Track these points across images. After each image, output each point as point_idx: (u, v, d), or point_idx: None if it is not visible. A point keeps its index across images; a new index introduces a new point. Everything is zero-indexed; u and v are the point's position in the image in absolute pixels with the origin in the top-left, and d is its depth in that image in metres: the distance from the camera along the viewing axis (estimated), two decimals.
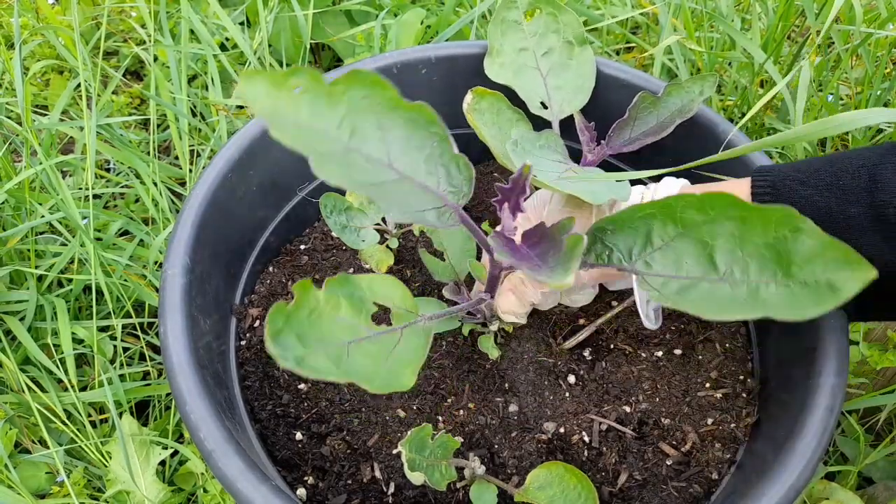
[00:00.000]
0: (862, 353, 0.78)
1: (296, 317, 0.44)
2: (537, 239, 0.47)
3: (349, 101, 0.45)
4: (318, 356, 0.43)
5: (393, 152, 0.46)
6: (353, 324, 0.47)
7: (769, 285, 0.41)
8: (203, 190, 0.62)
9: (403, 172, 0.47)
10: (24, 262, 0.85)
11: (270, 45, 1.06)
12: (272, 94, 0.43)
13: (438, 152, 0.47)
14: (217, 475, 0.48)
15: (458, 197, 0.47)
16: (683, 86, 0.69)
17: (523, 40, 0.73)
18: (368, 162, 0.46)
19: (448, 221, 0.48)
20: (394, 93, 0.45)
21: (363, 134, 0.46)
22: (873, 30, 0.89)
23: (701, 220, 0.43)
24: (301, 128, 0.44)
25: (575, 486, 0.53)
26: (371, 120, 0.46)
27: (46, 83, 1.17)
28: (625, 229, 0.47)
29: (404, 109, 0.46)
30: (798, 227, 0.40)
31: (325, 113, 0.44)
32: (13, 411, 0.78)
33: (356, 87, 0.45)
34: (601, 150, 0.69)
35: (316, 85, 0.44)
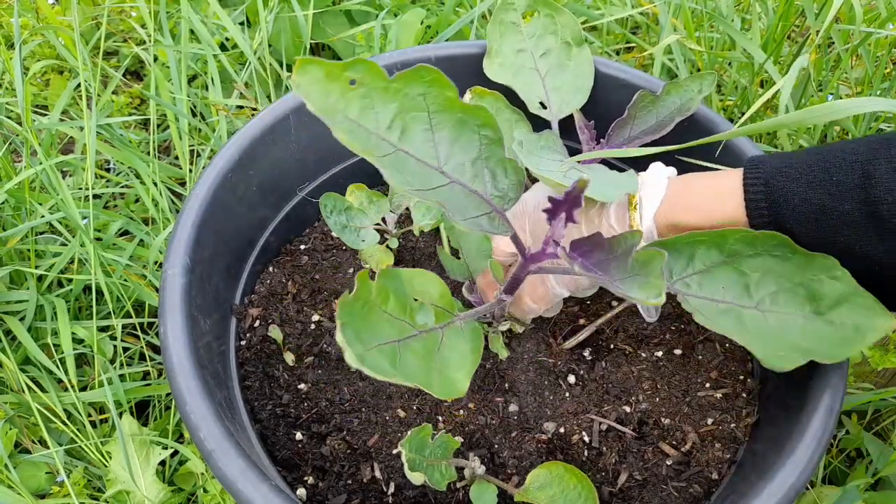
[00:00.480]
0: (863, 353, 0.78)
1: (353, 309, 0.43)
2: (589, 248, 0.46)
3: (403, 98, 0.44)
4: (374, 355, 0.43)
5: (441, 154, 0.46)
6: (399, 321, 0.46)
7: (796, 318, 0.44)
8: (203, 190, 0.62)
9: (452, 176, 0.46)
10: (24, 262, 0.85)
11: (270, 45, 1.06)
12: (326, 87, 0.42)
13: (486, 154, 0.46)
14: (217, 475, 0.48)
15: (504, 202, 0.46)
16: (682, 84, 0.69)
17: (521, 42, 0.73)
18: (418, 164, 0.45)
19: (498, 227, 0.47)
20: (453, 93, 0.44)
21: (412, 134, 0.45)
22: (873, 29, 0.89)
23: (747, 252, 0.46)
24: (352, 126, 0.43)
25: (575, 486, 0.53)
26: (422, 119, 0.45)
27: (46, 83, 1.17)
28: (669, 249, 0.48)
29: (457, 110, 0.45)
30: (835, 275, 0.44)
31: (377, 109, 0.43)
32: (13, 411, 0.78)
33: (415, 83, 0.44)
34: (600, 150, 0.69)
35: (372, 79, 0.43)
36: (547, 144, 0.61)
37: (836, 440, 0.81)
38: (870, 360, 0.76)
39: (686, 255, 0.48)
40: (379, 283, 0.46)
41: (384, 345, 0.43)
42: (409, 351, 0.45)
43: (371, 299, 0.45)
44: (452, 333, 0.48)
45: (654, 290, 0.40)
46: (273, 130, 0.69)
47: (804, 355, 0.43)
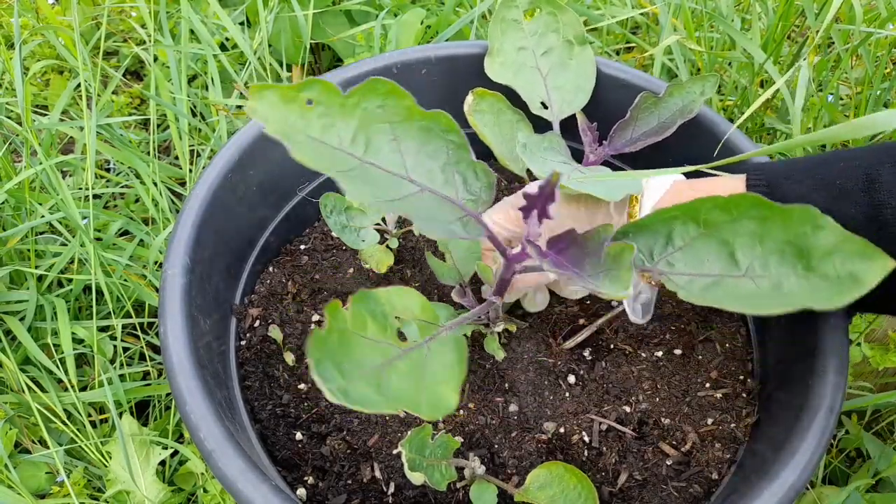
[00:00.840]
0: (863, 353, 0.78)
1: (328, 342, 0.42)
2: (565, 245, 0.46)
3: (362, 113, 0.44)
4: (358, 384, 0.41)
5: (409, 162, 0.45)
6: (381, 343, 0.45)
7: (790, 278, 0.42)
8: (203, 190, 0.62)
9: (422, 184, 0.46)
10: (24, 262, 0.85)
11: (270, 45, 1.06)
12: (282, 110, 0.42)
13: (455, 159, 0.46)
14: (217, 475, 0.48)
15: (477, 205, 0.46)
16: (685, 86, 0.69)
17: (523, 39, 0.73)
18: (385, 175, 0.45)
19: (473, 231, 0.47)
20: (411, 101, 0.44)
21: (377, 147, 0.45)
22: (873, 29, 0.89)
23: (724, 220, 0.44)
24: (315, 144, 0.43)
25: (575, 486, 0.53)
26: (385, 131, 0.45)
27: (46, 83, 1.17)
28: (645, 232, 0.47)
29: (419, 118, 0.45)
30: (818, 224, 0.41)
31: (338, 126, 0.44)
32: (13, 411, 0.78)
33: (371, 97, 0.44)
34: (603, 151, 0.69)
35: (328, 97, 0.43)
36: (550, 146, 0.61)
37: (836, 440, 0.81)
38: (870, 359, 0.76)
39: (664, 235, 0.47)
40: (354, 310, 0.45)
41: (367, 372, 0.43)
42: (394, 373, 0.44)
43: (347, 328, 0.44)
44: (438, 345, 0.48)
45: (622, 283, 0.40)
46: None
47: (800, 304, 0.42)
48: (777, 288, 0.43)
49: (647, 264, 0.47)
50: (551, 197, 0.43)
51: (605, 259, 0.43)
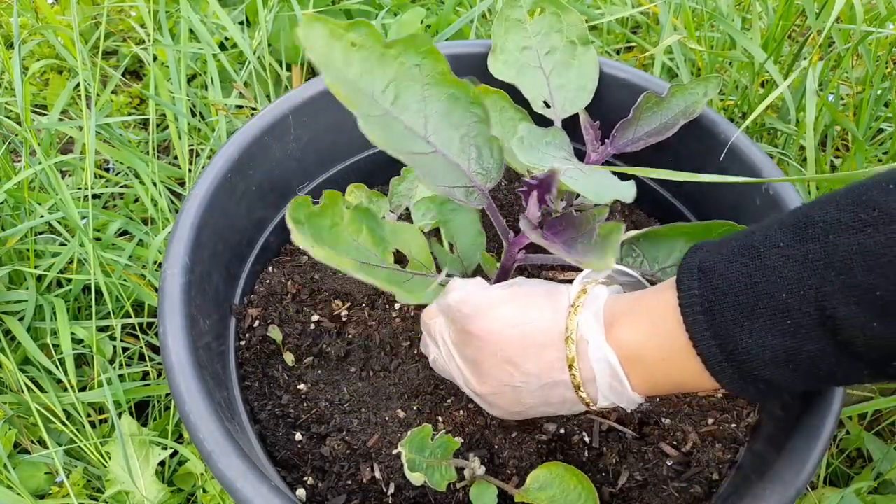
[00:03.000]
0: None
1: (318, 221, 0.45)
2: (562, 227, 0.47)
3: (399, 67, 0.46)
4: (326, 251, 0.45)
5: (430, 126, 0.47)
6: (369, 252, 0.48)
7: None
8: (202, 190, 0.62)
9: (438, 147, 0.47)
10: (24, 262, 0.85)
11: (270, 44, 1.06)
12: (329, 44, 0.44)
13: (475, 132, 0.48)
14: (216, 475, 0.47)
15: (486, 179, 0.48)
16: (687, 87, 0.69)
17: (526, 39, 0.73)
18: (406, 130, 0.46)
19: (474, 200, 0.48)
20: (445, 66, 0.46)
21: (405, 102, 0.46)
22: (874, 28, 0.89)
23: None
24: (349, 84, 0.45)
25: (575, 487, 0.53)
26: (416, 90, 0.47)
27: (45, 83, 1.17)
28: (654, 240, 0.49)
29: (450, 84, 0.47)
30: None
31: (374, 73, 0.45)
32: (12, 411, 0.78)
33: (411, 53, 0.46)
34: (605, 150, 0.69)
35: (372, 42, 0.45)
36: (553, 141, 0.61)
37: (836, 440, 0.81)
38: None
39: (668, 246, 0.49)
40: (353, 216, 0.47)
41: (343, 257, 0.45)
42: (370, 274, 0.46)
43: (342, 223, 0.46)
44: (421, 282, 0.50)
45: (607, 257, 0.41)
46: (272, 130, 0.68)
47: None
48: None
49: (649, 269, 0.49)
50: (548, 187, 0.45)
51: (597, 239, 0.44)
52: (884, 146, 1.01)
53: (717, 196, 0.71)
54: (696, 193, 0.74)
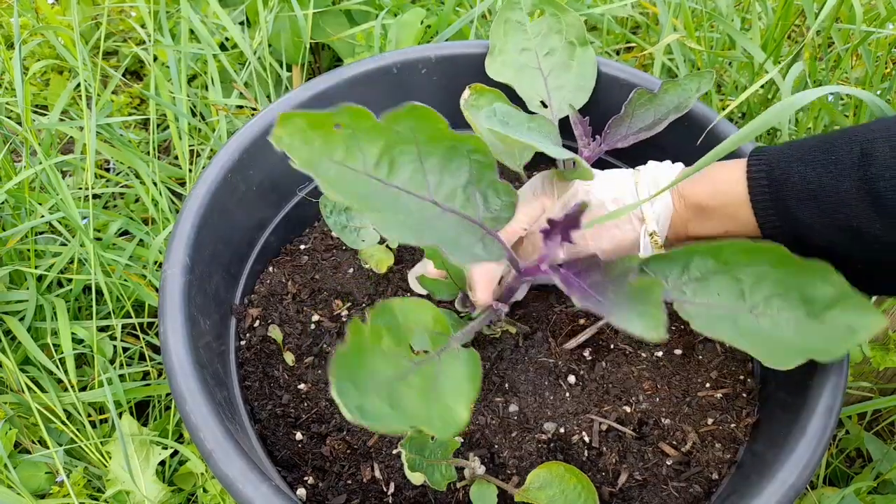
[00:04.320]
0: (864, 353, 0.78)
1: (347, 357, 0.42)
2: (585, 268, 0.46)
3: (390, 135, 0.44)
4: (372, 399, 0.41)
5: (432, 181, 0.45)
6: (394, 356, 0.45)
7: (789, 322, 0.44)
8: (203, 190, 0.62)
9: (444, 204, 0.45)
10: (24, 262, 0.85)
11: (270, 44, 1.06)
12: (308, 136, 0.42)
13: (477, 178, 0.46)
14: (217, 475, 0.48)
15: (496, 223, 0.46)
16: (680, 83, 0.69)
17: (526, 41, 0.73)
18: (411, 199, 0.45)
19: (495, 253, 0.46)
20: (443, 124, 0.44)
21: (401, 166, 0.44)
22: (873, 29, 0.89)
23: (743, 262, 0.46)
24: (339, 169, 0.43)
25: (575, 486, 0.53)
26: (409, 151, 0.45)
27: (46, 83, 1.17)
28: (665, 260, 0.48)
29: (447, 138, 0.45)
30: (826, 278, 0.44)
31: (363, 148, 0.43)
32: (13, 411, 0.78)
33: (404, 120, 0.44)
34: (597, 146, 0.69)
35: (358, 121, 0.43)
36: (538, 128, 0.60)
37: (836, 440, 0.81)
38: (871, 359, 0.76)
39: (681, 265, 0.48)
40: (372, 324, 0.45)
41: (381, 386, 0.42)
42: (406, 387, 0.43)
43: (364, 342, 0.44)
44: (449, 358, 0.47)
45: (653, 321, 0.39)
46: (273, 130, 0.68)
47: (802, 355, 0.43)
48: (776, 327, 0.45)
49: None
50: (576, 223, 0.43)
51: (630, 290, 0.43)
52: None
53: None
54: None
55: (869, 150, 0.46)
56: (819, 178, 0.48)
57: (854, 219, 0.47)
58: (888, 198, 0.45)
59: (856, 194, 0.46)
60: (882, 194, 0.45)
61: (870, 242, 0.47)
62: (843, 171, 0.47)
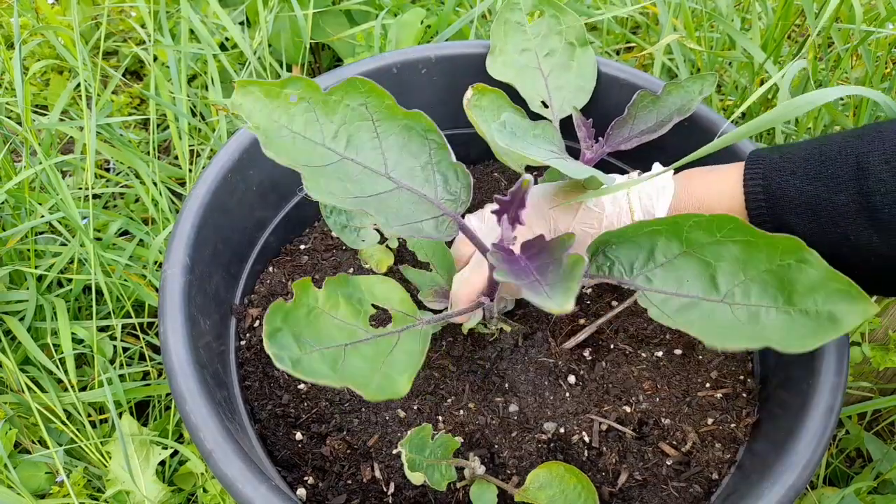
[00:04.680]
0: (864, 353, 0.78)
1: (294, 315, 0.43)
2: (536, 251, 0.46)
3: (345, 110, 0.45)
4: (313, 358, 0.43)
5: (390, 160, 0.46)
6: (351, 325, 0.46)
7: (769, 310, 0.41)
8: (203, 190, 0.62)
9: (400, 181, 0.46)
10: (24, 262, 0.85)
11: (270, 44, 1.06)
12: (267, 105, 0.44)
13: (436, 159, 0.47)
14: (217, 475, 0.48)
15: (456, 205, 0.47)
16: (683, 85, 0.69)
17: (526, 41, 0.73)
18: (364, 172, 0.46)
19: (446, 231, 0.47)
20: (391, 100, 0.46)
21: (359, 143, 0.46)
22: (873, 28, 0.89)
23: (707, 240, 0.43)
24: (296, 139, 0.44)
25: (575, 486, 0.53)
26: (367, 128, 0.46)
27: (46, 83, 1.17)
28: (628, 243, 0.46)
29: (401, 117, 0.46)
30: (803, 258, 0.40)
31: (321, 122, 0.45)
32: (13, 411, 0.78)
33: (353, 94, 0.45)
34: (599, 148, 0.69)
35: (312, 94, 0.45)
36: (543, 134, 0.60)
37: (836, 440, 0.81)
38: (871, 359, 0.76)
39: (647, 249, 0.45)
40: (327, 290, 0.46)
41: (329, 349, 0.44)
42: (356, 355, 0.45)
43: (317, 306, 0.45)
44: (409, 337, 0.48)
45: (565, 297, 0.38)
46: None
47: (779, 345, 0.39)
48: (754, 319, 0.41)
49: (625, 276, 0.46)
50: (522, 202, 0.43)
51: (565, 269, 0.41)
52: None
53: None
54: None
55: (864, 163, 0.46)
56: (816, 192, 0.48)
57: (851, 231, 0.47)
58: (884, 211, 0.45)
59: (852, 208, 0.46)
60: (878, 208, 0.45)
61: (867, 254, 0.47)
62: (839, 184, 0.47)
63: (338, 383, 0.42)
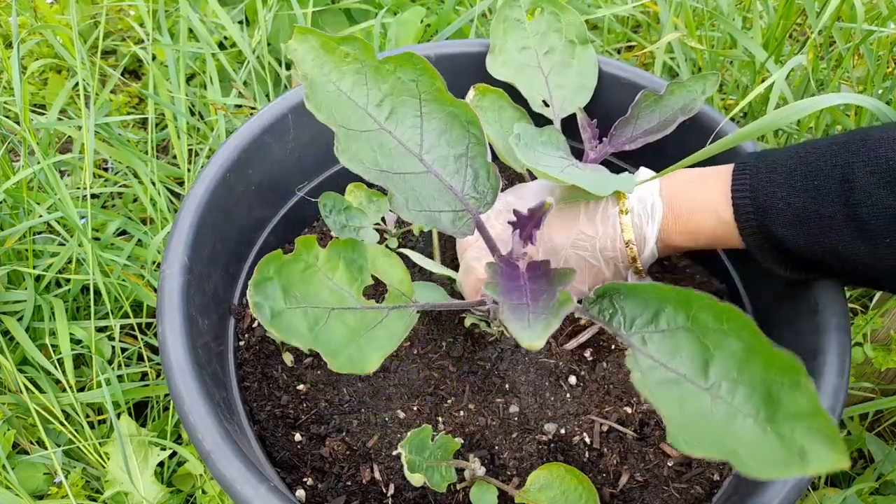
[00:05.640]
0: (866, 353, 0.77)
1: (289, 268, 0.43)
2: (539, 273, 0.45)
3: (395, 81, 0.45)
4: (295, 315, 0.42)
5: (426, 143, 0.46)
6: (343, 291, 0.46)
7: (746, 419, 0.38)
8: (201, 189, 0.62)
9: (431, 167, 0.46)
10: (22, 262, 0.85)
11: (269, 43, 1.06)
12: (320, 56, 0.43)
13: (472, 154, 0.47)
14: (215, 476, 0.47)
15: (480, 204, 0.47)
16: (686, 85, 0.68)
17: (525, 39, 0.72)
18: (398, 148, 0.45)
19: (462, 228, 0.46)
20: (442, 84, 0.45)
21: (400, 118, 0.46)
22: (875, 28, 0.89)
23: (712, 326, 0.41)
24: (340, 97, 0.44)
25: (576, 488, 0.53)
26: (412, 105, 0.46)
27: (44, 82, 1.17)
28: (637, 298, 0.44)
29: (449, 104, 0.46)
30: (798, 382, 0.37)
31: (370, 86, 0.45)
32: (11, 412, 0.78)
33: (407, 68, 0.45)
34: (603, 148, 0.69)
35: (366, 56, 0.44)
36: (549, 140, 0.61)
37: None
38: (873, 360, 0.76)
39: (653, 310, 0.43)
40: (330, 251, 0.46)
41: (314, 308, 0.43)
42: (339, 321, 0.44)
43: (315, 264, 0.45)
44: (398, 316, 0.47)
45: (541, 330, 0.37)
46: (272, 129, 0.68)
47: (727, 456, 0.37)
48: (729, 420, 0.38)
49: (622, 329, 0.44)
50: (538, 224, 0.43)
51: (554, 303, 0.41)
52: None
53: None
54: None
55: (849, 175, 0.46)
56: (803, 205, 0.48)
57: (839, 242, 0.47)
58: (871, 223, 0.45)
59: (839, 219, 0.47)
60: (865, 220, 0.45)
61: (855, 265, 0.48)
62: (826, 196, 0.47)
63: (308, 345, 0.41)
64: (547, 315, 0.39)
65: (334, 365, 0.42)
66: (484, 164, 0.47)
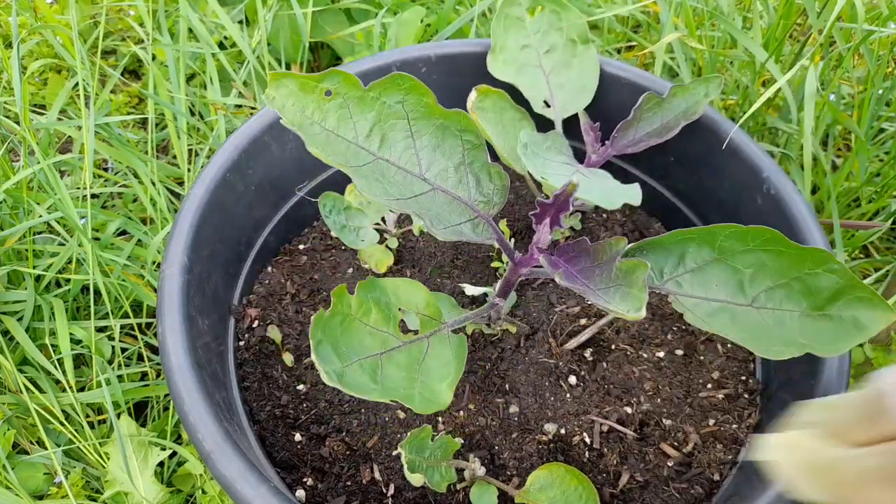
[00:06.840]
0: (865, 354, 0.77)
1: (330, 325, 0.42)
2: (575, 254, 0.46)
3: (380, 108, 0.44)
4: (354, 370, 0.42)
5: (423, 161, 0.46)
6: (382, 332, 0.45)
7: (793, 314, 0.43)
8: (201, 189, 0.62)
9: (435, 183, 0.46)
10: (22, 262, 0.85)
11: (269, 43, 1.06)
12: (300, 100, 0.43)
13: (469, 160, 0.46)
14: (215, 476, 0.47)
15: (489, 207, 0.47)
16: (688, 88, 0.68)
17: (526, 37, 0.72)
18: (399, 173, 0.45)
19: (483, 234, 0.47)
20: (431, 98, 0.45)
21: (393, 142, 0.45)
22: (875, 27, 0.88)
23: (738, 248, 0.45)
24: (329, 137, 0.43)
25: (576, 488, 0.52)
26: (401, 127, 0.45)
27: (44, 82, 1.17)
28: (659, 248, 0.47)
29: (437, 116, 0.45)
30: (831, 268, 0.42)
31: (354, 119, 0.44)
32: (11, 412, 0.78)
33: (391, 92, 0.44)
34: (605, 151, 0.69)
35: (348, 89, 0.44)
36: (553, 145, 0.61)
37: None
38: (873, 360, 0.76)
39: (677, 254, 0.47)
40: (359, 297, 0.46)
41: (365, 359, 0.43)
42: (391, 364, 0.44)
43: (350, 313, 0.44)
44: (438, 342, 0.48)
45: (635, 302, 0.39)
46: (271, 129, 0.68)
47: (801, 349, 0.43)
48: (780, 323, 0.43)
49: (655, 282, 0.47)
50: (566, 205, 0.43)
51: (616, 273, 0.42)
52: (885, 146, 1.01)
53: (719, 195, 0.70)
54: (698, 193, 0.74)
55: None
56: None
57: None
58: None
59: None
60: None
61: None
62: None
63: (384, 397, 0.41)
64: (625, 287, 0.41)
65: (418, 409, 0.42)
66: (483, 166, 0.47)
